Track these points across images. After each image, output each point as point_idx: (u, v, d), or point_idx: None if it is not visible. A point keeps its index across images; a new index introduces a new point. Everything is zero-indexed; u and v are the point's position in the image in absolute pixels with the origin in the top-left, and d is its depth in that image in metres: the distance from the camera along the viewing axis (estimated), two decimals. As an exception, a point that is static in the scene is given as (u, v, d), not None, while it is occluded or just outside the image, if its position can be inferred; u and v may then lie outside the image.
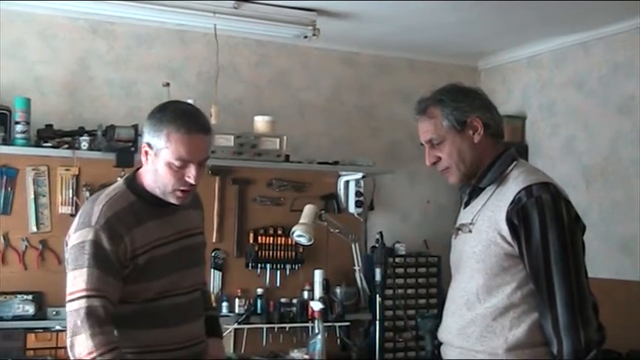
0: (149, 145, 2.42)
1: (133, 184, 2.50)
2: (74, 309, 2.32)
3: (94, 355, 2.25)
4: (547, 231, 2.29)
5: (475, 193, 2.53)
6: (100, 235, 2.34)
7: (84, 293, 2.31)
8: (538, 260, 2.30)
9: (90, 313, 2.28)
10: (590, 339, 2.27)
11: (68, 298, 2.35)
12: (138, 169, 2.55)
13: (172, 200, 2.46)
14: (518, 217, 2.31)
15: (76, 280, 2.33)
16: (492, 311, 2.37)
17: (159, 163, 2.41)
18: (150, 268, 2.43)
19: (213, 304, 4.29)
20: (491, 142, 2.49)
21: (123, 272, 2.38)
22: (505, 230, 2.34)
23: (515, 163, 2.48)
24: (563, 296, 2.27)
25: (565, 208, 2.34)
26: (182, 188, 2.43)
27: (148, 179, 2.47)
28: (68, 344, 2.31)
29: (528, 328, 2.34)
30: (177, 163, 2.39)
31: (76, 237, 2.38)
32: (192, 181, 2.41)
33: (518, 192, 2.34)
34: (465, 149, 2.46)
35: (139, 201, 2.46)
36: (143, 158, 2.47)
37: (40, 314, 4.36)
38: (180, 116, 2.41)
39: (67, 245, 2.44)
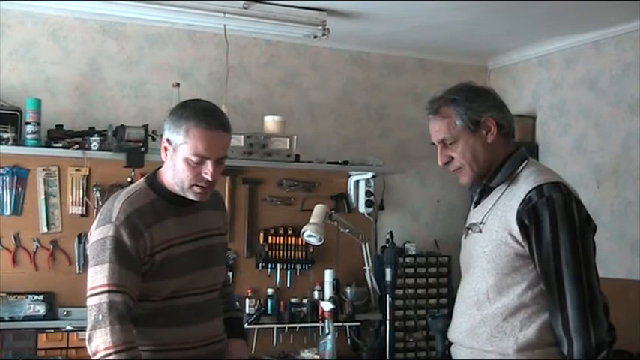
0: (168, 140, 2.46)
1: (154, 182, 2.52)
2: (95, 303, 2.32)
3: (110, 351, 2.25)
4: (558, 231, 2.28)
5: (485, 192, 2.52)
6: (121, 231, 2.36)
7: (106, 288, 2.31)
8: (549, 260, 2.29)
9: (111, 308, 2.29)
10: (601, 339, 2.26)
11: (89, 292, 2.35)
12: (158, 168, 2.57)
13: (191, 196, 2.48)
14: (528, 217, 2.31)
15: (98, 275, 2.34)
16: (502, 311, 2.37)
17: (177, 159, 2.43)
18: (167, 266, 2.44)
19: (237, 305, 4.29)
20: (503, 141, 2.49)
21: (142, 268, 2.40)
22: (516, 230, 2.33)
23: (525, 162, 2.47)
24: (573, 296, 2.26)
25: (576, 208, 2.34)
26: (199, 184, 2.45)
27: (168, 176, 2.49)
28: (87, 337, 2.31)
29: (539, 328, 2.33)
30: (194, 159, 2.41)
31: (97, 233, 2.39)
32: (208, 177, 2.43)
33: (529, 191, 2.34)
34: (478, 149, 2.46)
35: (159, 199, 2.48)
36: (162, 154, 2.49)
37: (50, 314, 4.37)
38: (200, 113, 2.44)
39: (88, 242, 2.46)
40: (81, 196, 4.55)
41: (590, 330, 2.25)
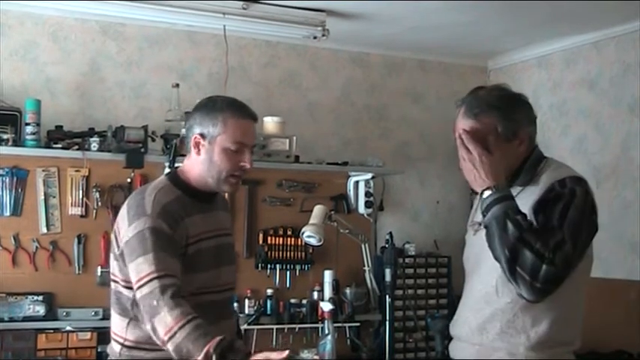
0: (202, 135, 2.48)
1: (177, 179, 2.53)
2: (146, 292, 2.27)
3: (174, 329, 2.19)
4: (569, 208, 2.28)
5: None
6: (159, 220, 2.36)
7: (154, 275, 2.28)
8: (554, 215, 2.28)
9: (164, 291, 2.25)
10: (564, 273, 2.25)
11: (137, 285, 2.30)
12: (177, 167, 2.59)
13: (226, 188, 2.52)
14: (546, 198, 2.31)
15: (142, 267, 2.30)
16: (513, 306, 2.33)
17: (214, 151, 2.47)
18: (196, 259, 2.45)
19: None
20: (528, 148, 2.48)
21: (181, 257, 2.39)
22: (531, 219, 2.31)
23: (544, 161, 2.48)
24: (569, 235, 2.26)
25: (591, 204, 2.36)
26: (236, 174, 2.50)
27: (199, 170, 2.50)
28: (150, 330, 2.26)
29: (550, 326, 2.31)
30: (233, 147, 2.46)
31: (133, 227, 2.37)
32: (247, 165, 2.50)
33: (552, 184, 2.34)
34: (509, 159, 2.42)
35: (183, 195, 2.49)
36: (194, 150, 2.50)
37: (50, 315, 4.36)
38: (233, 103, 2.53)
39: (119, 241, 2.42)
40: (80, 196, 4.55)
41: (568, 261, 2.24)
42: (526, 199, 2.35)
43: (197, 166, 2.50)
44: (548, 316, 2.32)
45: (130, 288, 2.39)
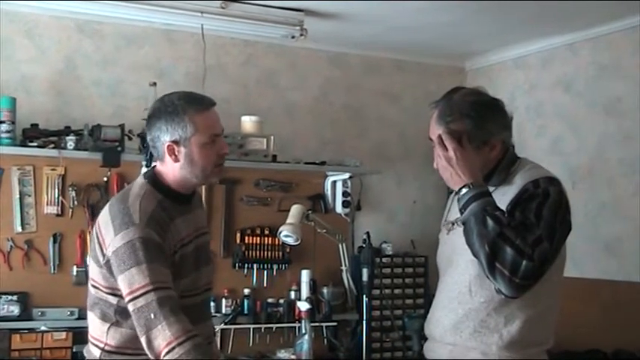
0: (175, 142, 2.42)
1: (157, 183, 2.48)
2: (142, 305, 2.23)
3: (173, 344, 2.17)
4: (543, 206, 2.29)
5: None
6: (148, 230, 2.31)
7: (149, 287, 2.24)
8: (531, 210, 2.29)
9: (162, 304, 2.22)
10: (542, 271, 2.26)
11: (131, 297, 2.26)
12: (154, 166, 2.53)
13: (214, 178, 2.54)
14: (520, 199, 2.32)
15: (135, 278, 2.26)
16: (486, 306, 2.35)
17: (193, 151, 2.43)
18: (180, 265, 2.42)
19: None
20: (502, 151, 2.47)
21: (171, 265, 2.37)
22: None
23: (517, 162, 2.49)
24: (546, 231, 2.27)
25: (565, 204, 2.36)
26: (220, 162, 2.50)
27: (180, 175, 2.46)
28: (144, 342, 2.22)
29: (523, 325, 2.33)
30: (209, 141, 2.44)
31: (121, 237, 2.31)
32: (225, 150, 2.51)
33: (525, 185, 2.35)
34: (480, 164, 2.41)
35: (165, 199, 2.45)
36: (169, 157, 2.44)
37: (25, 315, 4.33)
38: (191, 100, 2.47)
39: (105, 249, 2.36)
40: (56, 195, 4.52)
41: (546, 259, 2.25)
42: (500, 199, 2.36)
43: (176, 171, 2.46)
44: (520, 315, 2.33)
45: (116, 295, 2.36)
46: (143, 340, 2.23)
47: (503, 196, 2.37)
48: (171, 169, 2.47)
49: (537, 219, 2.28)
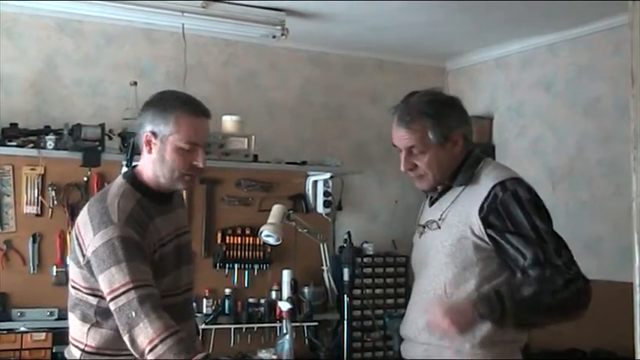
0: (153, 133, 2.41)
1: (135, 182, 2.46)
2: (123, 303, 2.22)
3: (155, 342, 2.16)
4: (531, 215, 2.34)
5: (443, 191, 2.55)
6: (126, 229, 2.30)
7: (130, 285, 2.23)
8: (524, 227, 2.33)
9: (142, 301, 2.21)
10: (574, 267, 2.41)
11: (111, 295, 2.24)
12: (134, 167, 2.52)
13: (180, 186, 2.48)
14: (499, 213, 2.35)
15: (115, 277, 2.24)
16: None
17: (166, 150, 2.40)
18: (161, 264, 2.41)
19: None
20: (464, 147, 2.52)
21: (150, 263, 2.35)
22: (477, 225, 2.37)
23: (482, 162, 2.52)
24: (555, 244, 2.38)
25: (540, 201, 2.42)
26: (190, 173, 2.44)
27: (152, 171, 2.44)
28: (128, 341, 2.21)
29: None
30: (186, 147, 2.40)
31: (100, 237, 2.29)
32: (200, 164, 2.43)
33: (493, 187, 2.38)
34: (445, 161, 2.48)
35: (143, 198, 2.43)
36: (145, 148, 2.44)
37: (4, 315, 4.30)
38: (185, 101, 2.45)
39: (84, 250, 2.34)
40: (36, 195, 4.49)
41: (574, 263, 2.42)
42: (469, 199, 2.42)
43: (149, 165, 2.44)
44: None
45: (96, 295, 2.35)
46: (126, 338, 2.22)
47: (471, 199, 2.42)
48: (147, 164, 2.45)
49: (538, 237, 2.34)
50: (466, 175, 2.48)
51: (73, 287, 2.43)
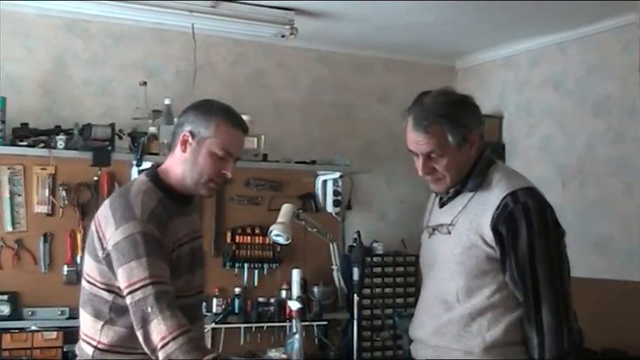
0: (192, 133, 2.44)
1: (159, 181, 2.49)
2: (139, 298, 2.24)
3: (167, 339, 2.19)
4: (533, 237, 2.32)
5: (453, 194, 2.53)
6: (149, 225, 2.32)
7: (147, 281, 2.25)
8: (525, 265, 2.32)
9: (158, 298, 2.23)
10: (573, 341, 2.32)
11: (129, 289, 2.26)
12: (157, 166, 2.54)
13: (203, 191, 2.49)
14: (505, 225, 2.33)
15: (134, 271, 2.27)
16: (471, 312, 2.38)
17: (201, 152, 2.43)
18: (177, 265, 2.43)
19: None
20: (479, 148, 2.50)
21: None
22: (489, 235, 2.35)
23: (493, 166, 2.49)
24: (548, 301, 2.31)
25: (549, 214, 2.38)
26: (217, 180, 2.47)
27: (181, 170, 2.46)
28: (141, 336, 2.23)
29: (506, 328, 2.36)
30: (220, 154, 2.43)
31: (122, 231, 2.31)
32: (229, 174, 2.47)
33: (504, 197, 2.36)
34: (462, 163, 2.45)
35: (165, 197, 2.46)
36: (180, 147, 2.46)
37: (15, 314, 4.32)
38: (228, 111, 2.50)
39: (105, 244, 2.35)
40: (46, 195, 4.51)
41: (563, 332, 2.31)
42: (480, 209, 2.39)
43: (179, 165, 2.47)
44: (504, 320, 2.37)
45: (111, 291, 2.36)
46: (139, 333, 2.23)
47: (482, 206, 2.40)
48: (177, 163, 2.47)
49: (532, 268, 2.32)
50: (476, 180, 2.45)
51: (88, 282, 2.44)
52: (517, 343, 2.38)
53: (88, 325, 2.45)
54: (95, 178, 4.58)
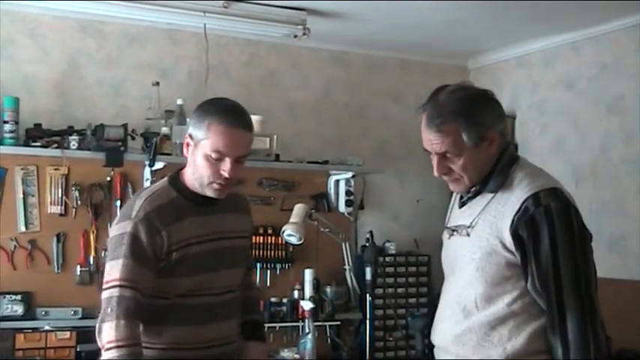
0: (191, 136, 2.47)
1: (176, 181, 2.53)
2: (106, 297, 2.35)
3: (112, 345, 2.28)
4: (557, 242, 2.20)
5: (474, 194, 2.40)
6: (138, 227, 2.38)
7: (117, 282, 2.34)
8: (547, 272, 2.20)
9: (119, 303, 2.32)
10: (600, 352, 2.18)
11: (104, 286, 2.38)
12: (182, 167, 2.56)
13: (210, 193, 2.49)
14: (526, 229, 2.20)
15: (112, 270, 2.37)
16: (491, 320, 2.28)
17: (198, 155, 2.45)
18: (182, 264, 2.45)
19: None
20: (500, 145, 2.36)
21: (158, 265, 2.42)
22: (508, 240, 2.23)
23: (516, 164, 2.36)
24: (573, 309, 2.19)
25: (574, 216, 2.26)
26: (218, 181, 2.46)
27: (188, 172, 2.50)
28: (96, 329, 2.34)
29: (528, 337, 2.25)
30: (214, 156, 2.42)
31: (116, 229, 2.43)
32: (226, 175, 2.44)
33: (525, 200, 2.23)
34: (481, 162, 2.32)
35: (179, 198, 2.49)
36: (185, 150, 2.51)
37: (28, 314, 4.33)
38: (223, 110, 2.46)
39: (108, 238, 2.51)
40: (60, 195, 4.52)
41: (590, 343, 2.17)
42: (501, 210, 2.28)
43: (188, 167, 2.51)
44: (525, 329, 2.26)
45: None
46: (96, 326, 2.34)
47: (502, 208, 2.28)
48: (187, 165, 2.52)
49: (556, 275, 2.20)
50: (498, 180, 2.32)
51: None
52: (541, 352, 2.25)
53: None
54: (108, 179, 4.59)
